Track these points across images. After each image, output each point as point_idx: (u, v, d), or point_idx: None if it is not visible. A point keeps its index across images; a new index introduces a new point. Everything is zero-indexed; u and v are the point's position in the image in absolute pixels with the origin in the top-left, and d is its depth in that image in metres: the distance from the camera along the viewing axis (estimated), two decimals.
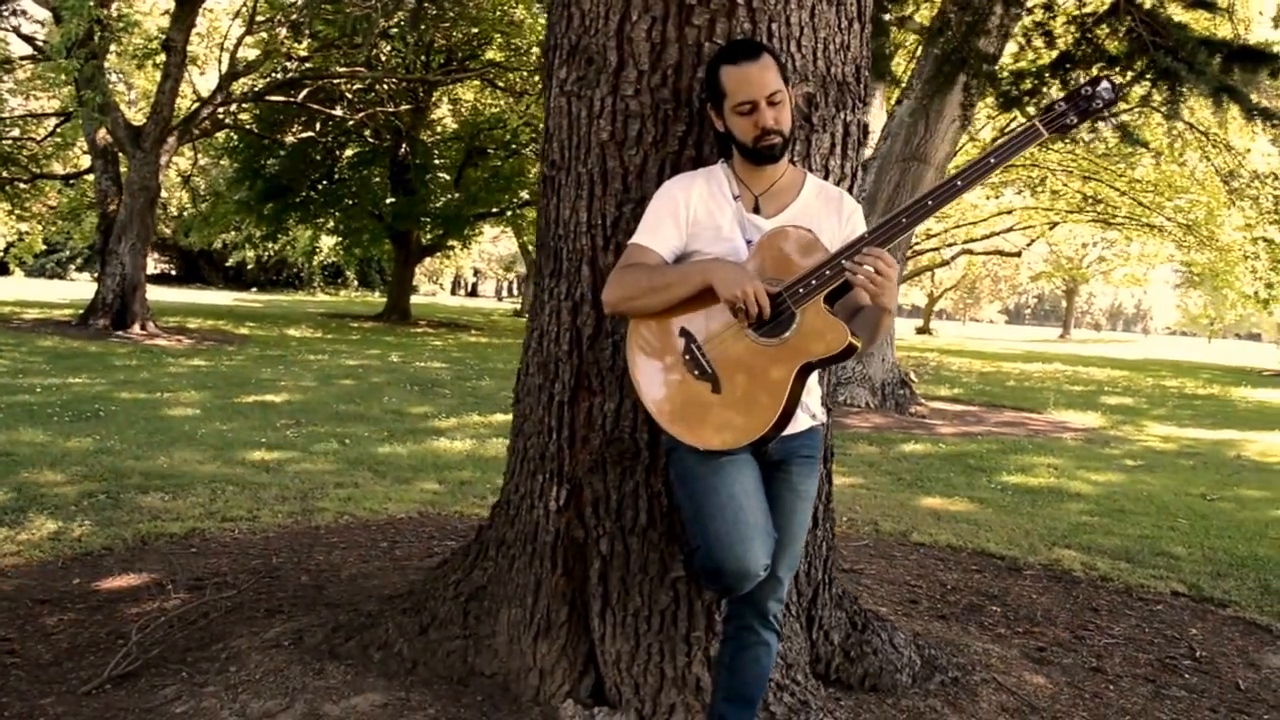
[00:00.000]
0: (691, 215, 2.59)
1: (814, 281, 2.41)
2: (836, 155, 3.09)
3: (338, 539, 5.39)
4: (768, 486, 2.58)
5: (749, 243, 2.58)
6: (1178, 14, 6.15)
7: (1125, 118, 11.15)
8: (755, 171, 2.62)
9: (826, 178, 3.03)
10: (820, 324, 2.42)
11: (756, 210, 2.62)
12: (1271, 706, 3.70)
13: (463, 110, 29.35)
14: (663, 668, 3.00)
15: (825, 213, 2.65)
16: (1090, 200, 22.66)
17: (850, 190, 3.10)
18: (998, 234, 33.78)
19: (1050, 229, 31.45)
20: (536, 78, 25.49)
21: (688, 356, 2.52)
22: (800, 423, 2.62)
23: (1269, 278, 17.42)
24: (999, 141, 2.41)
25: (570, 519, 3.10)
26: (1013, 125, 18.85)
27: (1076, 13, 5.64)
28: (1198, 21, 8.33)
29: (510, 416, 10.06)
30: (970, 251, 37.98)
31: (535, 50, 25.48)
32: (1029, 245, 39.39)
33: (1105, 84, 2.35)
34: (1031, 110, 6.76)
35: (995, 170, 2.38)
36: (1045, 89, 6.17)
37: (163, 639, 3.66)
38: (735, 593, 2.49)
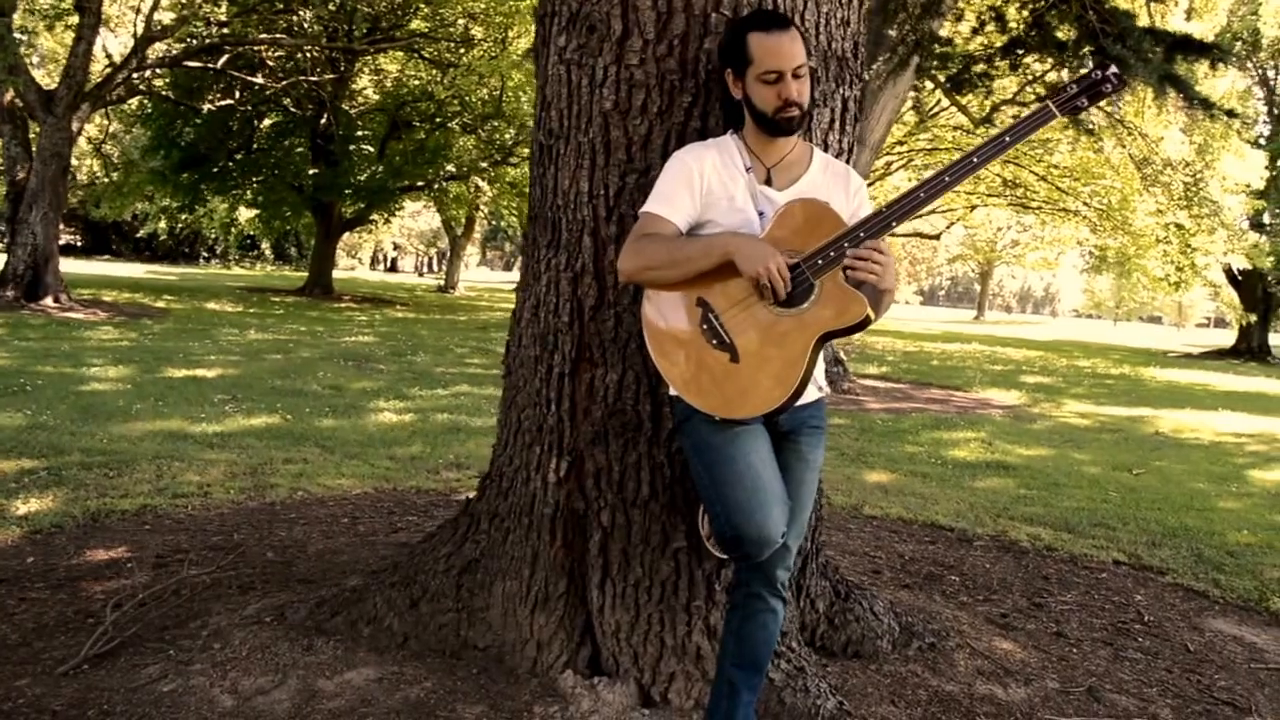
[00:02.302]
0: (705, 185, 2.60)
1: (833, 254, 2.44)
2: (835, 130, 3.13)
3: (296, 515, 5.33)
4: (777, 456, 2.62)
5: (761, 214, 2.61)
6: (1121, 2, 6.32)
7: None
8: (767, 144, 2.65)
9: (826, 151, 3.06)
10: (839, 295, 2.46)
11: (768, 182, 2.64)
12: (1219, 667, 3.87)
13: (385, 82, 28.86)
14: (663, 637, 3.03)
15: (834, 186, 2.69)
16: (1010, 184, 23.09)
17: (847, 164, 3.14)
18: (919, 216, 34.23)
19: (970, 212, 31.99)
20: (463, 50, 25.23)
21: (705, 326, 2.53)
22: (809, 393, 2.66)
23: (1179, 261, 17.97)
24: (1013, 122, 2.46)
25: (571, 491, 3.10)
26: (941, 108, 19.09)
27: None
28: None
29: (450, 392, 9.99)
30: (891, 233, 38.40)
31: (461, 21, 25.19)
32: (948, 228, 40.05)
33: (1113, 69, 2.42)
34: (981, 93, 6.94)
35: (1009, 149, 2.44)
36: (995, 72, 6.31)
37: (137, 617, 3.58)
38: (753, 560, 2.53)
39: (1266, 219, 30.09)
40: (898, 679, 3.42)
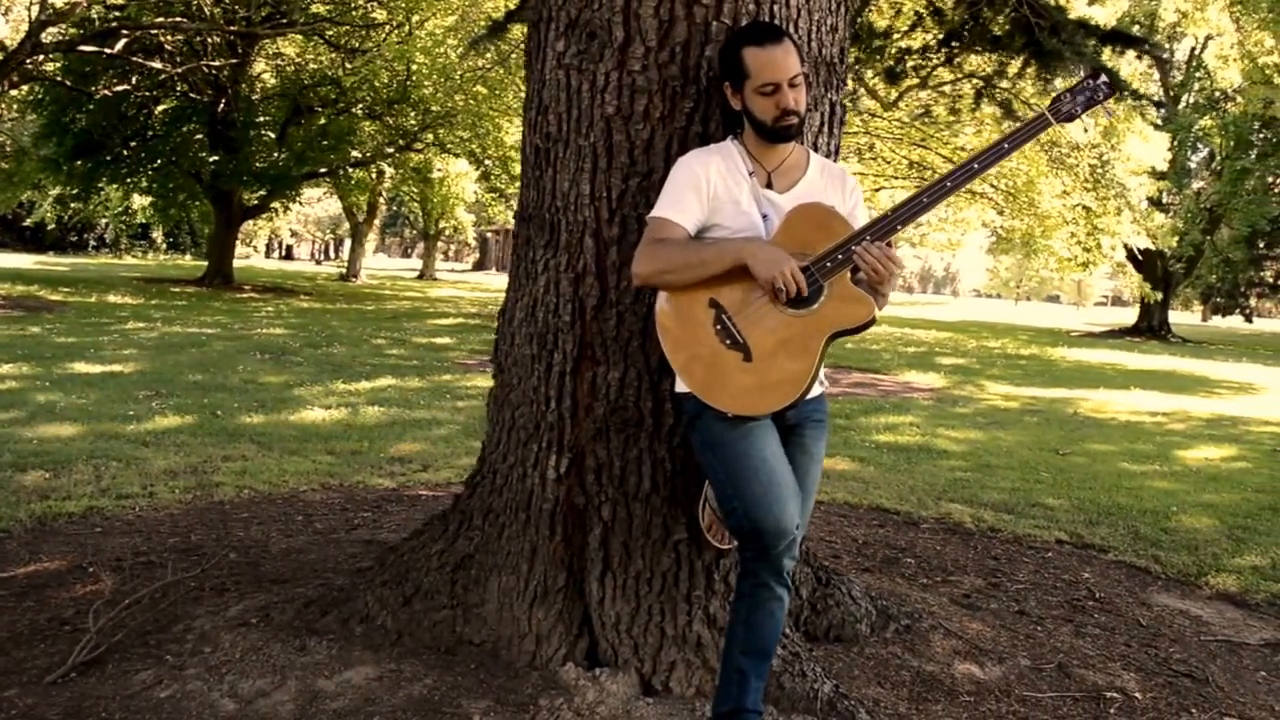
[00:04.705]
0: (712, 190, 2.68)
1: (840, 257, 2.55)
2: (824, 133, 3.23)
3: (248, 514, 5.26)
4: (784, 449, 2.70)
5: (764, 217, 2.69)
6: None
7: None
8: (768, 149, 2.74)
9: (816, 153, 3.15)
10: (848, 296, 2.57)
11: (769, 186, 2.74)
12: (1172, 640, 4.07)
13: (285, 67, 28.18)
14: (663, 627, 3.10)
15: (831, 187, 2.80)
16: (916, 167, 23.53)
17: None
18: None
19: (874, 194, 32.53)
20: (365, 34, 24.78)
21: (718, 327, 2.61)
22: (814, 389, 2.75)
23: (1087, 242, 18.64)
24: (1011, 129, 2.59)
25: (571, 486, 3.14)
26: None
27: None
28: None
29: (374, 385, 9.90)
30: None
31: (363, 2, 24.75)
32: None
33: (1104, 77, 2.55)
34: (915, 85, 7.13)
35: (1008, 155, 2.56)
36: (931, 64, 6.48)
37: (120, 623, 3.52)
38: (770, 552, 2.61)
39: (1164, 198, 31.31)
40: (880, 661, 3.53)
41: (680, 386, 2.75)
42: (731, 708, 2.71)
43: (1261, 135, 34.82)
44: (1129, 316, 45.96)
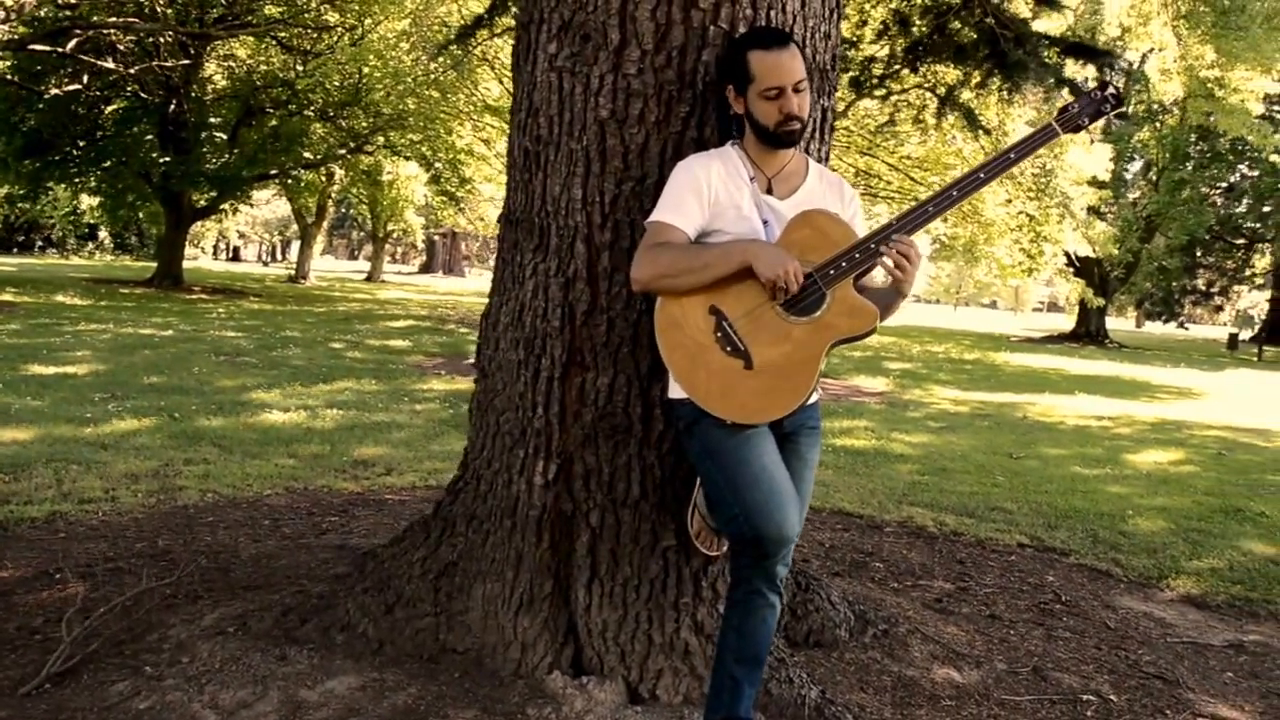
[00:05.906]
0: (713, 195, 2.67)
1: (844, 264, 2.56)
2: (815, 140, 3.24)
3: (214, 518, 5.19)
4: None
5: (765, 223, 2.69)
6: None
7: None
8: (768, 155, 2.74)
9: None
10: (851, 304, 2.58)
11: (769, 192, 2.74)
12: (1140, 642, 4.15)
13: (237, 68, 27.82)
14: (650, 634, 3.09)
15: (830, 196, 2.80)
16: (863, 175, 23.72)
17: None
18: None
19: None
20: (317, 35, 24.54)
21: (719, 334, 2.60)
22: (810, 397, 2.76)
23: (1031, 249, 18.94)
24: (1018, 139, 2.62)
25: (559, 493, 3.13)
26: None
27: (932, 3, 6.00)
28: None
29: (332, 387, 9.81)
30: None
31: (313, 2, 24.49)
32: None
33: (1111, 88, 2.59)
34: (881, 93, 7.22)
35: (1015, 164, 2.59)
36: (897, 74, 6.56)
37: (95, 631, 3.45)
38: (768, 559, 2.61)
39: (1101, 208, 31.89)
40: (861, 666, 3.56)
41: (674, 392, 2.74)
42: (724, 716, 2.71)
43: (1198, 147, 35.67)
44: (1066, 322, 46.70)
